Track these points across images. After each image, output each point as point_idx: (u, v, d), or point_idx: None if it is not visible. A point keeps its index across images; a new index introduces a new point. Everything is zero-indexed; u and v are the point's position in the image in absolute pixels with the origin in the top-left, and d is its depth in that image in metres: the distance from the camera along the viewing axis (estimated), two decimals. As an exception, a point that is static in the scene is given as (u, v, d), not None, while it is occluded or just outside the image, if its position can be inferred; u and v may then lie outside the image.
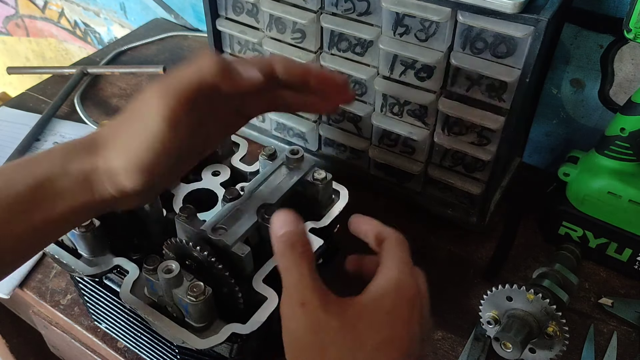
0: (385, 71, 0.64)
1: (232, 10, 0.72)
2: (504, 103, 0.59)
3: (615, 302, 0.64)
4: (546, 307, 0.54)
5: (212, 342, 0.43)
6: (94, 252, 0.49)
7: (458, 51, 0.58)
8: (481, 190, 0.67)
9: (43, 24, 1.46)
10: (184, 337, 0.44)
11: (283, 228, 0.40)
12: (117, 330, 0.59)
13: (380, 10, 0.60)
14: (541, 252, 0.70)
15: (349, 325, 0.38)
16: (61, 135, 0.86)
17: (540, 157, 0.83)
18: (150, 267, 0.44)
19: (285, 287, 0.39)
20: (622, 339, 0.61)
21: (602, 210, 0.64)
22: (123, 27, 1.28)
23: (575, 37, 0.70)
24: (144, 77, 0.99)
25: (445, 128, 0.65)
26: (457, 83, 0.61)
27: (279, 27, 0.68)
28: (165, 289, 0.44)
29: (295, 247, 0.40)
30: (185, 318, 0.45)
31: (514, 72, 0.56)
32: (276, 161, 0.53)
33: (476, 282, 0.67)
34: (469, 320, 0.63)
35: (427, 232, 0.73)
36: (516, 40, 0.54)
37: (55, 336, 0.70)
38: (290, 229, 0.40)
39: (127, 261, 0.49)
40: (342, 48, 0.66)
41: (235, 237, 0.45)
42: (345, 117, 0.73)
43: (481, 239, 0.71)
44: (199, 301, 0.42)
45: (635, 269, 0.66)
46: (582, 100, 0.75)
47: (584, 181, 0.65)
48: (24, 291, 0.67)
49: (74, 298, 0.65)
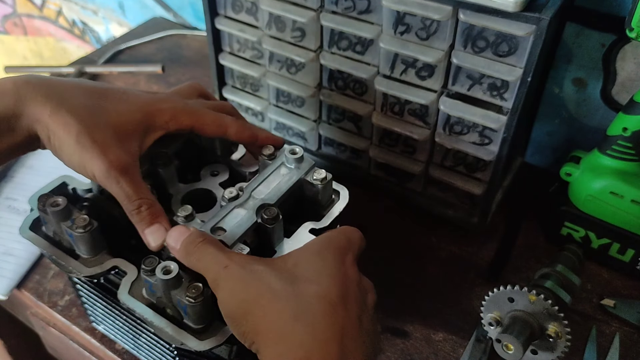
0: (386, 70, 0.64)
1: (231, 9, 0.71)
2: (505, 102, 0.59)
3: (618, 303, 0.63)
4: (548, 308, 0.53)
5: (211, 344, 0.43)
6: (92, 252, 0.49)
7: (459, 50, 0.58)
8: (482, 191, 0.67)
9: (41, 23, 1.45)
10: (182, 338, 0.43)
11: (178, 242, 0.43)
12: (115, 332, 0.59)
13: (380, 9, 0.59)
14: (543, 252, 0.70)
15: (277, 267, 0.40)
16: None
17: (542, 156, 0.82)
18: (149, 268, 0.44)
19: (204, 274, 0.41)
20: (624, 340, 0.61)
21: (604, 210, 0.64)
22: (121, 26, 1.28)
23: (577, 36, 0.70)
24: (142, 76, 0.99)
25: (447, 127, 0.65)
26: (458, 82, 0.61)
27: (279, 26, 0.68)
28: (163, 290, 0.43)
29: (195, 240, 0.42)
30: (184, 319, 0.44)
31: (516, 71, 0.55)
32: (276, 161, 0.52)
33: (477, 283, 0.66)
34: (470, 322, 0.62)
35: (428, 233, 0.72)
36: (518, 39, 0.54)
37: (53, 337, 0.69)
38: (182, 238, 0.43)
39: (125, 262, 0.48)
40: (342, 47, 0.65)
41: (234, 237, 0.45)
42: (345, 116, 0.72)
43: (483, 240, 0.71)
44: (198, 302, 0.42)
45: (637, 270, 0.66)
46: (584, 100, 0.74)
47: (586, 181, 0.64)
48: (21, 292, 0.67)
49: (71, 299, 0.65)
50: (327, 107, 0.72)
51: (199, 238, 0.42)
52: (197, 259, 0.42)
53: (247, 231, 0.46)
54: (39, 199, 0.49)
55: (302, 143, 0.78)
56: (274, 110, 0.77)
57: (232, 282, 0.39)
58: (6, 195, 0.76)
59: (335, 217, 0.51)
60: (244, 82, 0.79)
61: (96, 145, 0.44)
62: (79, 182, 0.54)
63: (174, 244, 0.43)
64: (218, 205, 0.52)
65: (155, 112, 0.49)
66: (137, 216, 0.45)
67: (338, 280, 0.40)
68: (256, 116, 0.82)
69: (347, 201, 0.53)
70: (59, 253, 0.50)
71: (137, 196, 0.45)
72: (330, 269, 0.40)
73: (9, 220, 0.73)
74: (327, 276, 0.40)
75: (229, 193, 0.49)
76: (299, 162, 0.51)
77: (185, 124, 0.51)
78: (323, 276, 0.40)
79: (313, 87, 0.71)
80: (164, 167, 0.53)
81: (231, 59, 0.76)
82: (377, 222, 0.73)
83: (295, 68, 0.70)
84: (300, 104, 0.74)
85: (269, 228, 0.46)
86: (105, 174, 0.44)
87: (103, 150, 0.45)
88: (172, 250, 0.44)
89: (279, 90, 0.75)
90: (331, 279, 0.39)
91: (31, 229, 0.51)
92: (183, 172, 0.56)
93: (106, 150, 0.45)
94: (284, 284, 0.39)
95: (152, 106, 0.49)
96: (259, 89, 0.78)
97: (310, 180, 0.50)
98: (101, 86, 0.50)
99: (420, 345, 0.61)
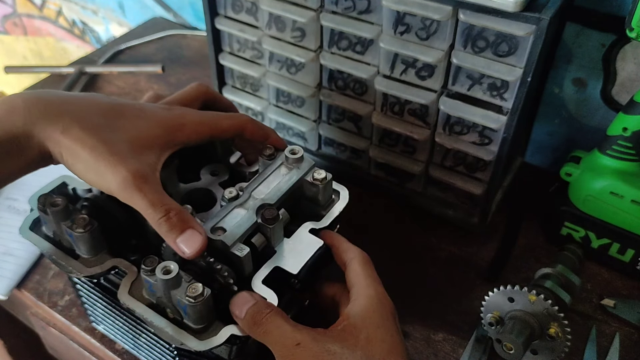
0: (386, 70, 0.64)
1: (231, 9, 0.71)
2: (505, 102, 0.59)
3: (618, 303, 0.63)
4: (548, 308, 0.53)
5: (211, 344, 0.43)
6: (92, 252, 0.49)
7: (459, 50, 0.58)
8: (482, 191, 0.67)
9: (41, 23, 1.45)
10: (182, 338, 0.43)
11: (245, 306, 0.43)
12: (115, 332, 0.59)
13: (380, 9, 0.59)
14: (543, 252, 0.70)
15: (350, 344, 0.41)
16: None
17: (542, 156, 0.82)
18: (149, 268, 0.43)
19: (272, 347, 0.41)
20: (624, 340, 0.61)
21: (604, 210, 0.64)
22: (121, 26, 1.28)
23: (577, 36, 0.70)
24: (142, 76, 0.99)
25: (447, 127, 0.65)
26: (458, 82, 0.60)
27: (279, 26, 0.68)
28: (163, 290, 0.43)
29: (262, 313, 0.42)
30: (184, 319, 0.44)
31: (516, 71, 0.55)
32: (276, 161, 0.52)
33: (477, 283, 0.66)
34: (470, 322, 0.62)
35: (428, 233, 0.72)
36: (518, 39, 0.54)
37: (53, 337, 0.69)
38: (247, 307, 0.43)
39: (125, 262, 0.48)
40: (342, 47, 0.65)
41: (234, 237, 0.45)
42: (345, 116, 0.72)
43: (482, 240, 0.71)
44: (198, 302, 0.42)
45: (637, 270, 0.66)
46: (584, 100, 0.74)
47: (586, 181, 0.64)
48: (21, 292, 0.67)
49: (72, 299, 0.65)
50: (327, 107, 0.72)
51: (266, 309, 0.42)
52: (265, 331, 0.42)
53: (247, 231, 0.46)
54: (39, 199, 0.49)
55: (302, 143, 0.78)
56: (274, 110, 0.77)
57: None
58: (6, 195, 0.76)
59: (335, 217, 0.51)
60: (244, 82, 0.79)
61: (113, 156, 0.42)
62: (79, 182, 0.54)
63: (239, 313, 0.43)
64: (218, 205, 0.52)
65: (177, 127, 0.48)
66: (166, 224, 0.42)
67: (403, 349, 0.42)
68: (256, 116, 0.82)
69: (347, 201, 0.53)
70: (59, 253, 0.50)
71: (161, 203, 0.42)
72: (398, 344, 0.42)
73: (9, 220, 0.73)
74: (398, 355, 0.42)
75: (229, 193, 0.49)
76: (299, 162, 0.51)
77: (205, 135, 0.50)
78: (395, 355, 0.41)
79: (313, 87, 0.71)
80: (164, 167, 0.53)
81: (231, 59, 0.76)
82: (377, 222, 0.73)
83: (295, 68, 0.70)
84: (300, 104, 0.74)
85: (269, 228, 0.46)
86: (125, 184, 0.42)
87: (121, 161, 0.42)
88: (236, 319, 0.43)
89: (279, 90, 0.75)
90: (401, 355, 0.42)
91: (31, 229, 0.51)
92: (183, 172, 0.56)
93: (124, 161, 0.42)
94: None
95: (172, 121, 0.48)
96: (259, 89, 0.78)
97: (310, 180, 0.50)
98: (117, 103, 0.47)
99: (420, 345, 0.61)
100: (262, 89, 0.78)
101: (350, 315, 0.43)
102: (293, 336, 0.41)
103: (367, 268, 0.46)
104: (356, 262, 0.47)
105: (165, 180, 0.54)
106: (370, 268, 0.47)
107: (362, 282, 0.45)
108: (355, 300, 0.44)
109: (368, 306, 0.43)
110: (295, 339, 0.40)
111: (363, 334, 0.41)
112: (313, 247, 0.48)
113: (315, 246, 0.48)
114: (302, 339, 0.40)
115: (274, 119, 0.78)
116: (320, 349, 0.40)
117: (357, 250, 0.48)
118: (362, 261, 0.47)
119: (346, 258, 0.48)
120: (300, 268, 0.46)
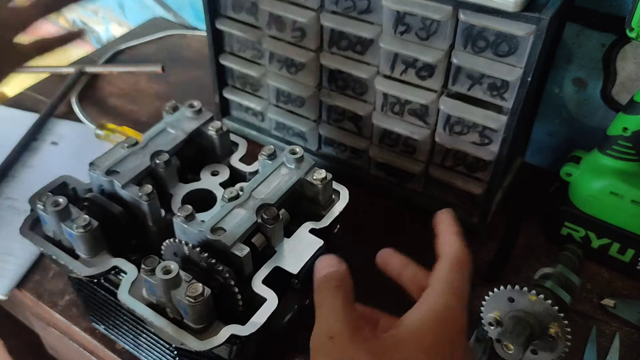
0: (386, 70, 0.64)
1: (231, 9, 0.71)
2: (505, 102, 0.59)
3: (618, 303, 0.63)
4: (548, 308, 0.53)
5: (211, 344, 0.43)
6: (92, 252, 0.49)
7: (459, 50, 0.58)
8: (483, 191, 0.67)
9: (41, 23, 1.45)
10: (182, 338, 0.43)
11: (326, 269, 0.40)
12: (116, 332, 0.59)
13: (380, 9, 0.59)
14: (543, 252, 0.69)
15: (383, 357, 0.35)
16: (59, 135, 0.86)
17: (542, 156, 0.82)
18: (149, 268, 0.44)
19: (316, 319, 0.38)
20: (624, 340, 0.61)
21: (604, 210, 0.64)
22: (121, 26, 1.27)
23: (577, 36, 0.70)
24: (142, 76, 0.99)
25: (447, 127, 0.65)
26: (458, 82, 0.60)
27: (279, 26, 0.68)
28: (163, 290, 0.43)
29: (331, 281, 0.39)
30: (184, 319, 0.44)
31: (516, 71, 0.55)
32: (276, 161, 0.52)
33: (478, 283, 0.66)
34: (470, 322, 0.62)
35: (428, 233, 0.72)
36: (518, 39, 0.54)
37: (53, 337, 0.69)
38: (332, 270, 0.40)
39: (125, 262, 0.48)
40: (342, 47, 0.65)
41: (234, 237, 0.45)
42: (345, 116, 0.72)
43: (483, 240, 0.71)
44: (198, 302, 0.42)
45: (637, 270, 0.66)
46: (585, 100, 0.74)
47: (587, 181, 0.64)
48: (21, 292, 0.66)
49: (72, 299, 0.65)
50: (327, 107, 0.72)
51: (335, 282, 0.39)
52: (319, 302, 0.39)
53: (247, 231, 0.46)
54: (39, 199, 0.49)
55: (302, 143, 0.78)
56: (274, 110, 0.77)
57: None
58: (6, 195, 0.76)
59: (335, 217, 0.51)
60: (244, 82, 0.79)
61: None
62: (79, 182, 0.54)
63: (317, 273, 0.41)
64: (218, 205, 0.52)
65: None
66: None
67: None
68: (256, 116, 0.82)
69: (347, 201, 0.53)
70: (59, 253, 0.50)
71: None
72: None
73: (9, 220, 0.73)
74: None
75: (229, 193, 0.49)
76: (299, 162, 0.51)
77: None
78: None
79: (313, 87, 0.71)
80: (164, 167, 0.53)
81: (231, 59, 0.76)
82: (377, 222, 0.73)
83: (295, 68, 0.70)
84: (300, 104, 0.74)
85: (269, 228, 0.46)
86: None
87: None
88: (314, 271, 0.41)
89: (279, 90, 0.75)
90: None
91: (31, 229, 0.51)
92: (183, 172, 0.56)
93: None
94: None
95: None
96: (259, 89, 0.78)
97: (310, 180, 0.50)
98: None
99: (420, 345, 0.60)
100: (262, 89, 0.78)
101: (403, 324, 0.37)
102: (334, 325, 0.36)
103: (453, 273, 0.39)
104: (445, 262, 0.40)
105: (166, 180, 0.54)
106: (458, 274, 0.39)
107: (438, 288, 0.38)
108: (418, 308, 0.37)
109: (426, 320, 0.36)
110: (334, 329, 0.36)
111: (401, 353, 0.35)
112: (313, 247, 0.48)
113: (316, 246, 0.48)
114: (339, 332, 0.36)
115: (274, 119, 0.78)
116: (346, 353, 0.35)
117: (455, 247, 0.41)
118: (452, 263, 0.40)
119: (440, 252, 0.41)
120: (300, 268, 0.46)
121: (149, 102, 0.93)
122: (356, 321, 0.37)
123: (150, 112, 0.91)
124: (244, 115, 0.83)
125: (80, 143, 0.84)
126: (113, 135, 0.82)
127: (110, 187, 0.51)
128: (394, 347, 0.35)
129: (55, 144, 0.84)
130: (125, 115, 0.90)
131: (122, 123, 0.86)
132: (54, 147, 0.84)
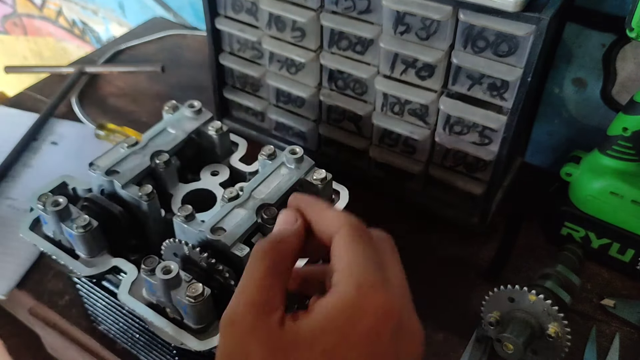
0: (386, 70, 0.64)
1: (231, 9, 0.71)
2: (505, 102, 0.59)
3: (618, 303, 0.63)
4: (548, 308, 0.53)
5: (211, 344, 0.43)
6: (92, 252, 0.49)
7: (459, 50, 0.58)
8: (483, 191, 0.67)
9: (41, 23, 1.45)
10: (182, 338, 0.43)
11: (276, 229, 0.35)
12: (115, 332, 0.59)
13: (380, 9, 0.59)
14: (543, 252, 0.69)
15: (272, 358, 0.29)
16: (59, 135, 0.86)
17: (542, 156, 0.82)
18: (149, 268, 0.43)
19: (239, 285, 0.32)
20: (624, 340, 0.61)
21: (604, 210, 0.64)
22: (121, 26, 1.27)
23: (577, 36, 0.70)
24: (142, 76, 0.99)
25: (447, 127, 0.65)
26: (458, 82, 0.60)
27: (279, 26, 0.68)
28: (163, 290, 0.43)
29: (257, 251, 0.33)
30: (184, 319, 0.44)
31: (516, 71, 0.55)
32: (276, 161, 0.52)
33: (478, 283, 0.66)
34: (470, 322, 0.62)
35: (428, 233, 0.72)
36: (518, 39, 0.54)
37: (53, 337, 0.69)
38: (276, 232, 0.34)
39: (125, 262, 0.48)
40: (342, 47, 0.65)
41: (235, 237, 0.45)
42: (345, 116, 0.72)
43: (483, 240, 0.71)
44: (198, 302, 0.42)
45: (637, 270, 0.66)
46: (584, 100, 0.74)
47: (586, 181, 0.64)
48: (21, 292, 0.66)
49: (72, 299, 0.65)
50: (327, 107, 0.72)
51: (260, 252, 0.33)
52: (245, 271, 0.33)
53: (247, 231, 0.46)
54: (39, 199, 0.49)
55: (302, 143, 0.78)
56: (274, 110, 0.77)
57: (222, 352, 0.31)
58: (6, 195, 0.76)
59: (335, 217, 0.51)
60: (244, 82, 0.79)
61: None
62: (79, 182, 0.54)
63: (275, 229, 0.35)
64: (218, 205, 0.52)
65: None
66: None
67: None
68: (256, 116, 0.82)
69: (347, 201, 0.53)
70: (59, 253, 0.50)
71: None
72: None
73: (9, 220, 0.73)
74: None
75: (229, 193, 0.49)
76: (299, 162, 0.51)
77: None
78: None
79: (313, 87, 0.71)
80: (164, 167, 0.53)
81: (231, 59, 0.76)
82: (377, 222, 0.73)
83: (295, 68, 0.70)
84: (300, 104, 0.74)
85: (269, 228, 0.46)
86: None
87: None
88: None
89: (279, 90, 0.75)
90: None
91: (31, 229, 0.51)
92: (183, 172, 0.56)
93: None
94: None
95: None
96: (259, 89, 0.78)
97: (310, 180, 0.50)
98: None
99: (420, 345, 0.60)
100: (262, 89, 0.78)
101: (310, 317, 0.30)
102: (237, 309, 0.31)
103: (356, 243, 0.32)
104: (341, 236, 0.33)
105: (166, 180, 0.54)
106: (362, 243, 0.33)
107: (345, 268, 0.31)
108: (325, 299, 0.31)
109: (329, 314, 0.30)
110: (237, 315, 0.30)
111: (299, 353, 0.29)
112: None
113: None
114: (241, 320, 0.30)
115: (274, 119, 0.78)
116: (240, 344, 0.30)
117: (343, 218, 0.34)
118: (349, 233, 0.33)
119: (330, 232, 0.34)
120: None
121: (149, 102, 0.93)
122: (269, 302, 0.30)
123: (150, 112, 0.91)
124: (244, 115, 0.83)
125: (80, 143, 0.84)
126: (113, 135, 0.82)
127: (110, 187, 0.51)
128: (292, 346, 0.29)
129: (55, 144, 0.84)
130: (125, 115, 0.90)
131: (122, 123, 0.86)
132: (54, 147, 0.84)
